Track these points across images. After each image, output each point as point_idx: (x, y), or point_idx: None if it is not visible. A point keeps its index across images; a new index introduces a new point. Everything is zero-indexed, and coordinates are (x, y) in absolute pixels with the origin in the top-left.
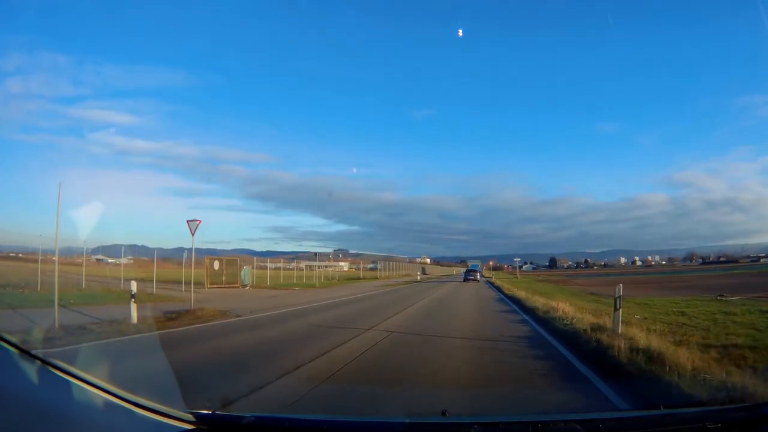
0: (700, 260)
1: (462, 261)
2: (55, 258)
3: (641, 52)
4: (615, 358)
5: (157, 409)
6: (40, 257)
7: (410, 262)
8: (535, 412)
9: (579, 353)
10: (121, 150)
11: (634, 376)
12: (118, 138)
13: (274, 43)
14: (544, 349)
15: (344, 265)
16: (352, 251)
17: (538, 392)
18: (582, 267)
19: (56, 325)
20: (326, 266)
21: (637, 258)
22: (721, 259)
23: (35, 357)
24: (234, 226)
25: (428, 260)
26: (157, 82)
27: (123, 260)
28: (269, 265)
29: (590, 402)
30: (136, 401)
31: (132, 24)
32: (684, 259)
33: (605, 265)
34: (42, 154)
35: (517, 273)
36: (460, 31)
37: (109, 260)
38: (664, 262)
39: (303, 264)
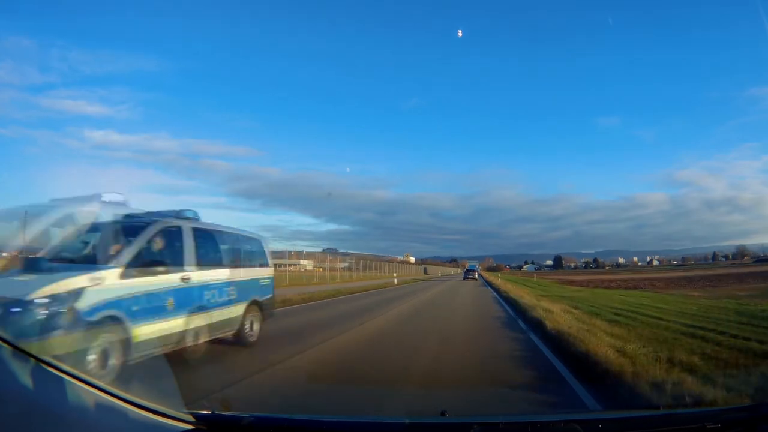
0: (724, 258)
1: (453, 260)
2: None
3: (644, 45)
4: None
5: (155, 408)
6: None
7: (401, 262)
8: (535, 412)
9: None
10: (98, 144)
11: None
12: (93, 131)
13: (253, 29)
14: None
15: (307, 264)
16: (341, 251)
17: None
18: (591, 267)
19: None
20: (286, 265)
21: (636, 258)
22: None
23: (30, 355)
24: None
25: (412, 259)
26: (127, 68)
27: None
28: None
29: None
30: (134, 401)
31: (96, 3)
32: (695, 260)
33: (618, 266)
34: (18, 148)
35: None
36: (460, 31)
37: None
38: (675, 262)
39: None
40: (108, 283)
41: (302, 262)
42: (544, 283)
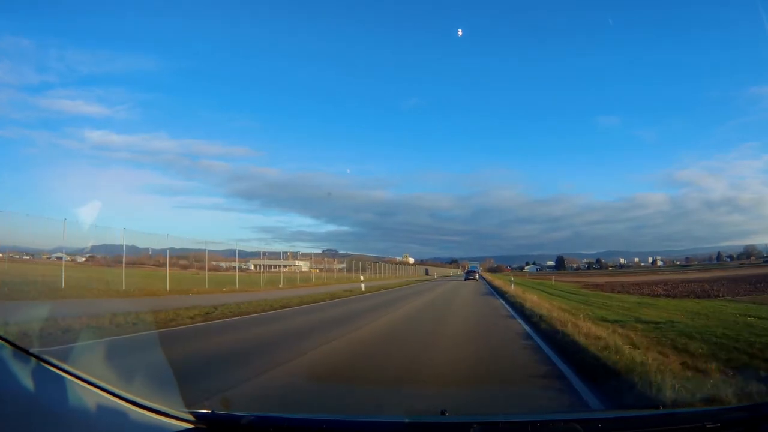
0: (728, 258)
1: (453, 261)
2: None
3: (644, 45)
4: None
5: (155, 408)
6: None
7: (400, 263)
8: (535, 411)
9: None
10: (97, 144)
11: None
12: (91, 131)
13: (253, 29)
14: None
15: (302, 265)
16: (341, 252)
17: None
18: (594, 268)
19: None
20: (282, 265)
21: (637, 259)
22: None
23: (30, 354)
24: (222, 226)
25: (411, 260)
26: (125, 68)
27: (81, 259)
28: (222, 264)
29: None
30: (135, 400)
31: (95, 3)
32: (698, 260)
33: (620, 266)
34: (17, 149)
35: None
36: (460, 31)
37: (66, 258)
38: (678, 263)
39: (251, 263)
40: None
41: (298, 263)
42: (568, 288)
